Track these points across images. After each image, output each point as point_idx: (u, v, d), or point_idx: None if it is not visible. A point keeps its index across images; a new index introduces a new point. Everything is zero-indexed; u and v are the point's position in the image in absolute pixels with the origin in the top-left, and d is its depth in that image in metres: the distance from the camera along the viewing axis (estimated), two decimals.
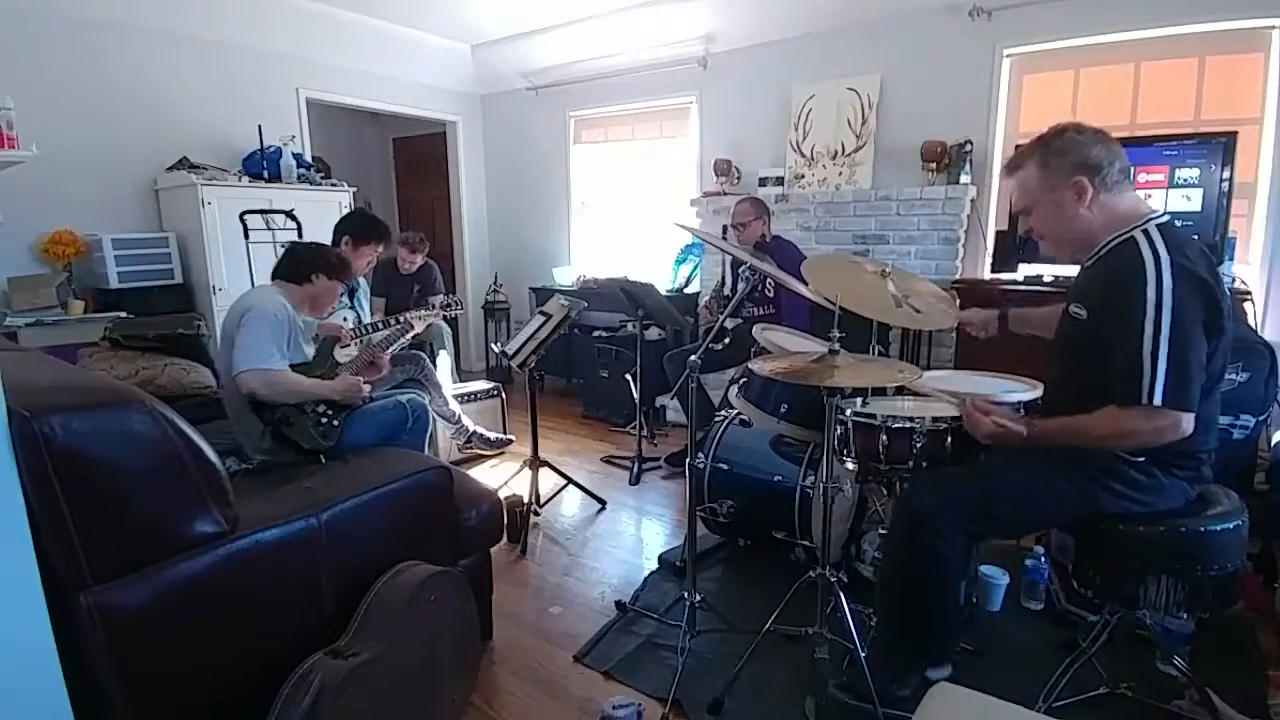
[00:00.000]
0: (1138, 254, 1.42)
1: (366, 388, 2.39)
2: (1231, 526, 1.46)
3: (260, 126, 4.12)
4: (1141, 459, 1.49)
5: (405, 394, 2.60)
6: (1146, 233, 1.45)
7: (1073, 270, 3.17)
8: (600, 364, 4.54)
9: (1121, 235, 1.50)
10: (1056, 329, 1.71)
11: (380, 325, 3.01)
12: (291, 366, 2.26)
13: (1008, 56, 3.54)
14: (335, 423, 2.28)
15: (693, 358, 1.91)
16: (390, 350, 2.81)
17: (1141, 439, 1.42)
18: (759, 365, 1.82)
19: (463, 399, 3.67)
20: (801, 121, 4.15)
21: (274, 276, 2.42)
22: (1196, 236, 2.61)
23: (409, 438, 2.45)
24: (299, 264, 2.41)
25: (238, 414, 2.23)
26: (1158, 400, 1.35)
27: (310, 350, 2.42)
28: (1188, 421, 1.39)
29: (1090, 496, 1.50)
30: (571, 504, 3.20)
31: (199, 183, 3.74)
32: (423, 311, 2.99)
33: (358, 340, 2.83)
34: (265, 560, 1.44)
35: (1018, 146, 3.29)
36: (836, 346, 1.77)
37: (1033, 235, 1.67)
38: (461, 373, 5.04)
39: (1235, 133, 2.85)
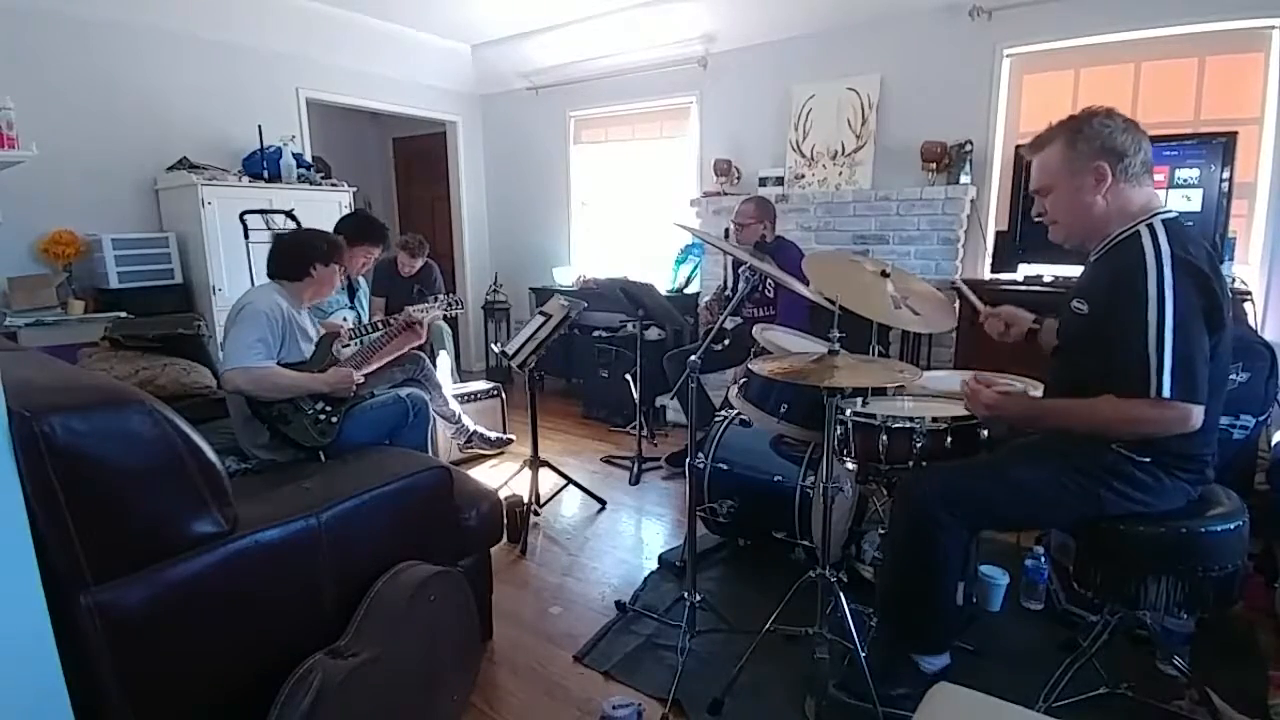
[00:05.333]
0: (1139, 248, 1.42)
1: (359, 378, 2.37)
2: (1232, 527, 1.46)
3: (260, 126, 4.12)
4: (1147, 459, 1.48)
5: (404, 390, 2.60)
6: (1150, 227, 1.45)
7: (1073, 271, 3.18)
8: (600, 364, 4.54)
9: (1127, 230, 1.50)
10: (1059, 325, 1.71)
11: (380, 325, 3.01)
12: (290, 364, 2.25)
13: (1008, 56, 3.54)
14: (333, 419, 2.27)
15: (693, 358, 1.91)
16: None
17: (1147, 428, 1.42)
18: (759, 365, 1.82)
19: (463, 399, 3.67)
20: (801, 121, 4.15)
21: (270, 275, 2.40)
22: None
23: (410, 432, 2.45)
24: (293, 260, 2.37)
25: (238, 414, 2.24)
26: (1166, 394, 1.35)
27: (309, 349, 2.40)
28: (1197, 415, 1.38)
29: (1093, 495, 1.50)
30: (571, 504, 3.20)
31: (199, 183, 3.74)
32: (425, 304, 2.97)
33: (357, 340, 2.83)
34: (265, 560, 1.43)
35: (1019, 147, 3.35)
36: (836, 347, 1.78)
37: (1044, 219, 1.64)
38: (461, 373, 5.04)
39: (1235, 133, 2.85)
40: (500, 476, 3.27)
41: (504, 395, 3.97)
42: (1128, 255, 1.45)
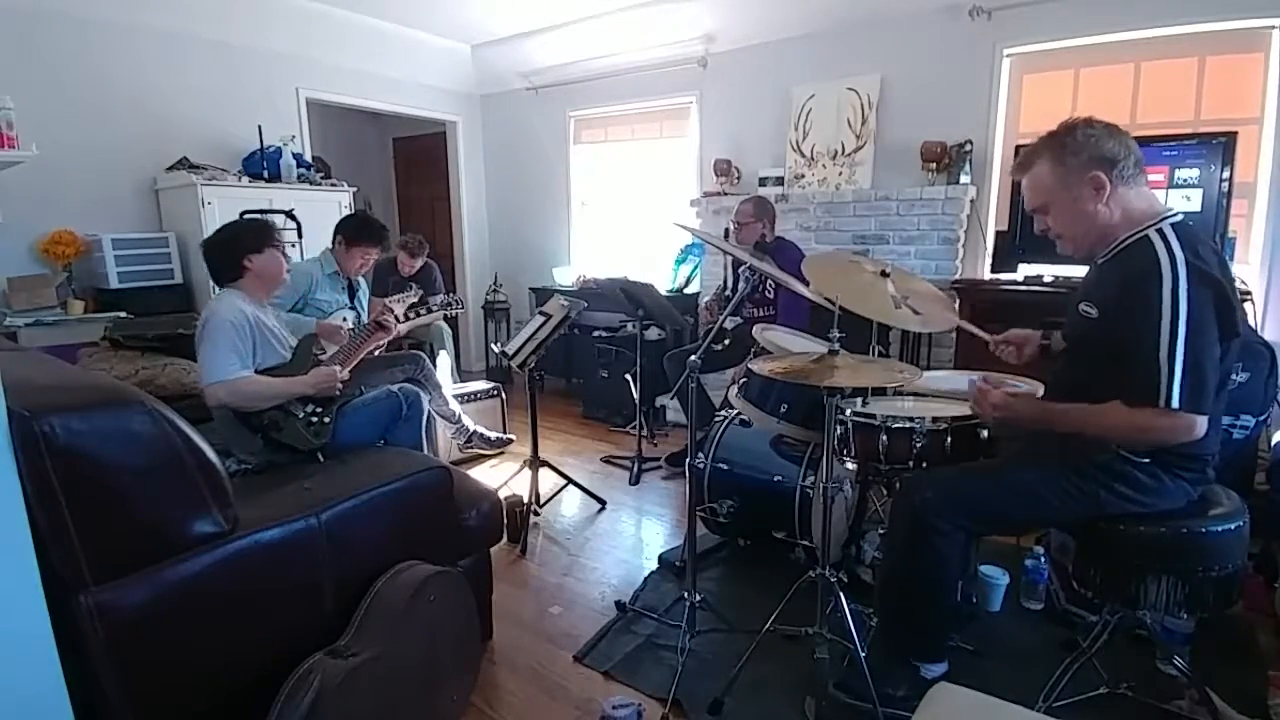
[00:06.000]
0: (1152, 254, 1.40)
1: (343, 374, 2.32)
2: (1233, 527, 1.46)
3: (260, 126, 4.12)
4: (1147, 460, 1.48)
5: (397, 384, 2.57)
6: (1161, 232, 1.43)
7: (1073, 270, 3.18)
8: (600, 364, 4.54)
9: (1135, 234, 1.48)
10: (1065, 326, 1.70)
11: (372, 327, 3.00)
12: (269, 370, 2.20)
13: (1008, 56, 3.54)
14: (326, 419, 2.25)
15: (693, 358, 1.91)
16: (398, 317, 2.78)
17: (1154, 436, 1.41)
18: (759, 365, 1.82)
19: (463, 399, 3.67)
20: (801, 121, 4.15)
21: (216, 283, 2.32)
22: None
23: (405, 427, 2.43)
24: (222, 260, 2.26)
25: (225, 425, 2.16)
26: (1175, 404, 1.34)
27: (284, 351, 2.32)
28: (1202, 424, 1.38)
29: (1092, 497, 1.50)
30: (571, 504, 3.20)
31: (199, 183, 3.74)
32: (400, 295, 2.94)
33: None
34: (265, 560, 1.44)
35: (1018, 147, 3.35)
36: (836, 347, 1.78)
37: (1049, 234, 1.62)
38: (461, 373, 5.04)
39: (1235, 133, 2.85)
40: (500, 476, 3.27)
41: (504, 395, 3.97)
42: (1139, 261, 1.43)
